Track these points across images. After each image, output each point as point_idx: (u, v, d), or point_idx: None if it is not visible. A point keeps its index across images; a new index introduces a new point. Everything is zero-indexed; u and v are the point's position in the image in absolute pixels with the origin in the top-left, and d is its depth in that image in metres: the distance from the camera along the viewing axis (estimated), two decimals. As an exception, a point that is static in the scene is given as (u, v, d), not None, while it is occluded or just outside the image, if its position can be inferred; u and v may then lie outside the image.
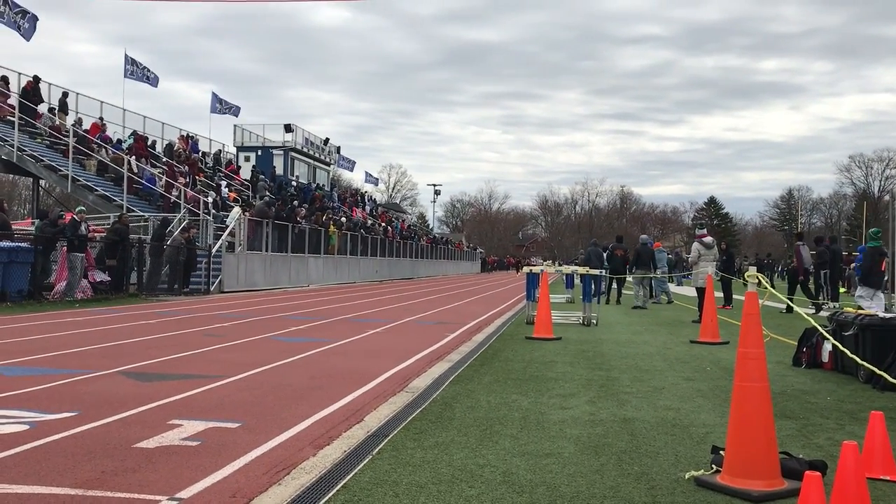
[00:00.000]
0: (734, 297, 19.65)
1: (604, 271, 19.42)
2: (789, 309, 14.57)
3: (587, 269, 15.02)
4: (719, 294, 18.94)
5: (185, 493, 3.52)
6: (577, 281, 19.90)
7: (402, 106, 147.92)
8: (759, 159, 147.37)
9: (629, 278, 21.35)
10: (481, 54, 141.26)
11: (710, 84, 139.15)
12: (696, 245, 15.13)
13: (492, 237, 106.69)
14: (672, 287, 26.99)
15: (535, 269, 14.23)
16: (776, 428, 3.84)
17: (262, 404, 5.72)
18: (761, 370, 3.79)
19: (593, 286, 14.86)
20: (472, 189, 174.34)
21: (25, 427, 4.74)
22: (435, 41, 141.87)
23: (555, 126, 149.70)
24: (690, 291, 21.39)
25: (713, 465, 4.00)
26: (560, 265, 24.13)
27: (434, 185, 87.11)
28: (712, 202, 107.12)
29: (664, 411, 5.76)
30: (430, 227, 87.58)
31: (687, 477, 3.97)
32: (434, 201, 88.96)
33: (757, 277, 3.99)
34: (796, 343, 8.72)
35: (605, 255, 21.97)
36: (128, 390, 6.11)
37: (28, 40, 25.82)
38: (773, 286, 4.28)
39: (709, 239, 15.31)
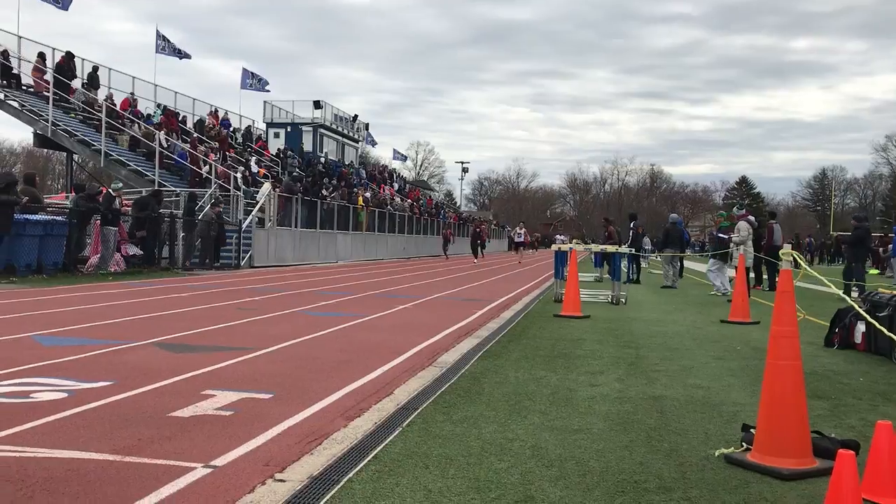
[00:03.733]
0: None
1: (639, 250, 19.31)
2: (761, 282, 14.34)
3: (616, 247, 14.93)
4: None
5: (219, 461, 3.58)
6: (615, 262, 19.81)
7: (431, 84, 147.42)
8: (790, 139, 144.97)
9: (658, 257, 21.21)
10: (511, 32, 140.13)
11: (740, 63, 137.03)
12: (744, 224, 14.93)
13: (519, 215, 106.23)
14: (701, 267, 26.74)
15: (564, 247, 14.19)
16: (808, 408, 3.81)
17: (293, 376, 5.80)
18: (794, 348, 3.76)
19: (625, 266, 14.80)
20: (500, 167, 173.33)
21: (64, 395, 4.85)
22: (464, 19, 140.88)
23: (584, 104, 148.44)
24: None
25: (743, 443, 3.99)
26: (588, 243, 24.00)
27: (462, 163, 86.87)
28: (744, 182, 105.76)
29: (693, 389, 5.74)
30: (458, 204, 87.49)
31: (717, 454, 3.96)
32: (462, 179, 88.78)
33: (792, 255, 3.95)
34: (828, 324, 8.62)
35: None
36: (162, 361, 6.22)
37: (66, 9, 26.09)
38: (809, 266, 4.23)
39: (752, 218, 15.16)
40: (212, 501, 3.06)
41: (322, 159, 41.86)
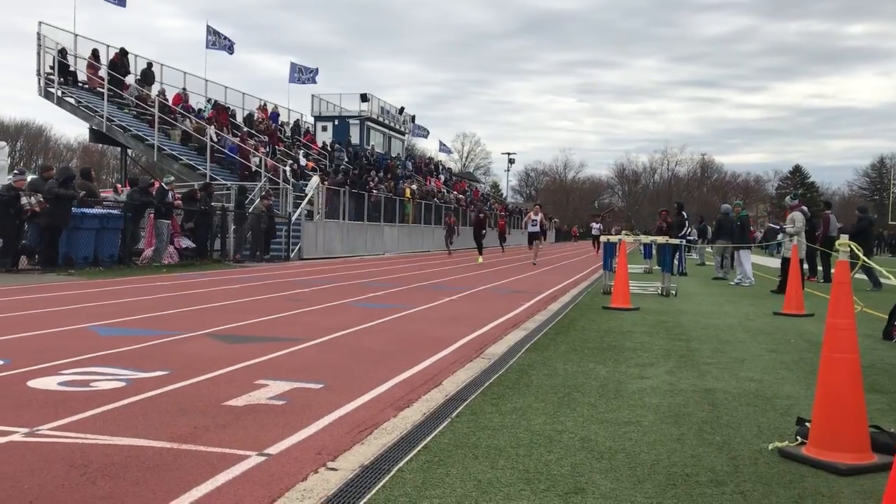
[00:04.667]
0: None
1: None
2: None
3: (667, 238, 14.75)
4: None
5: (272, 450, 3.65)
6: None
7: (477, 75, 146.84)
8: (845, 127, 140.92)
9: (709, 248, 20.91)
10: (557, 22, 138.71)
11: (793, 50, 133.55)
12: (799, 214, 14.64)
13: (566, 206, 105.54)
14: (757, 259, 26.28)
15: (613, 238, 14.07)
16: (865, 402, 3.73)
17: (343, 367, 5.86)
18: (851, 341, 3.68)
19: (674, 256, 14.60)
20: (547, 158, 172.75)
21: (122, 384, 4.99)
22: (510, 10, 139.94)
23: (631, 94, 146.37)
24: (767, 262, 20.81)
25: (798, 437, 3.92)
26: (638, 234, 23.76)
27: (508, 154, 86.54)
28: (797, 171, 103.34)
29: (746, 382, 5.65)
30: (504, 196, 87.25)
31: (770, 448, 3.90)
32: (508, 170, 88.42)
33: (850, 246, 3.86)
34: (887, 316, 8.40)
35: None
36: (215, 351, 6.35)
37: (123, 6, 26.70)
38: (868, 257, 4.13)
39: (805, 208, 14.87)
40: (266, 489, 3.12)
41: (369, 152, 42.12)
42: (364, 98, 45.17)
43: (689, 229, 23.58)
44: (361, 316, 9.13)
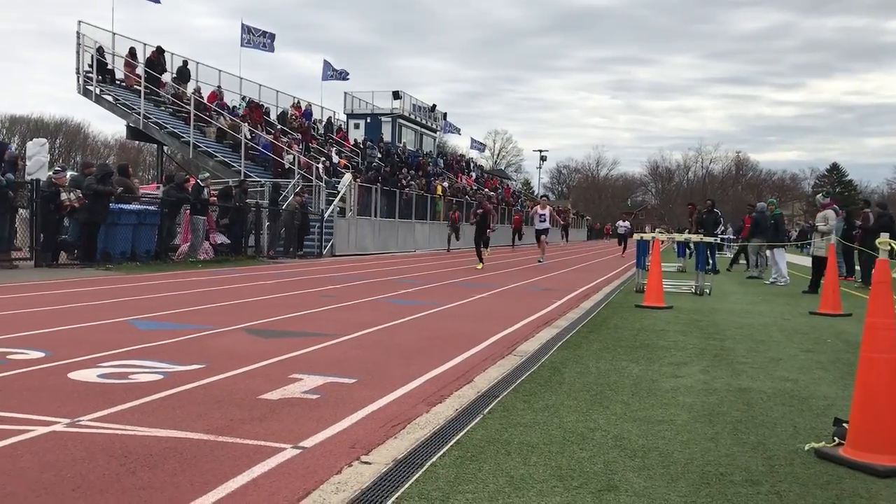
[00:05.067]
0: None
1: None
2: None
3: (701, 236, 14.61)
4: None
5: (307, 443, 3.70)
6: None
7: (509, 72, 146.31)
8: (885, 124, 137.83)
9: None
10: (590, 19, 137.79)
11: (831, 46, 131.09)
12: (832, 213, 14.42)
13: (599, 204, 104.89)
14: (792, 257, 25.91)
15: (646, 236, 13.97)
16: (906, 402, 3.67)
17: (376, 362, 5.90)
18: (891, 341, 3.62)
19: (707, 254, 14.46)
20: (579, 155, 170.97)
21: (160, 377, 5.07)
22: (542, 7, 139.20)
23: (665, 91, 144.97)
24: (803, 261, 20.49)
25: (835, 438, 3.87)
26: (671, 232, 23.52)
27: (540, 151, 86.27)
28: (835, 169, 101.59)
29: (781, 382, 5.59)
30: (536, 193, 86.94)
31: (807, 448, 3.86)
32: (540, 167, 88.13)
33: (889, 244, 3.80)
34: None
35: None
36: (250, 346, 6.43)
37: (159, 2, 27.11)
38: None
39: (836, 207, 14.64)
40: (301, 481, 3.16)
41: (400, 149, 42.25)
42: (396, 95, 45.31)
43: (724, 227, 23.31)
44: (393, 312, 9.17)
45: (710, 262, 18.79)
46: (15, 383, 4.75)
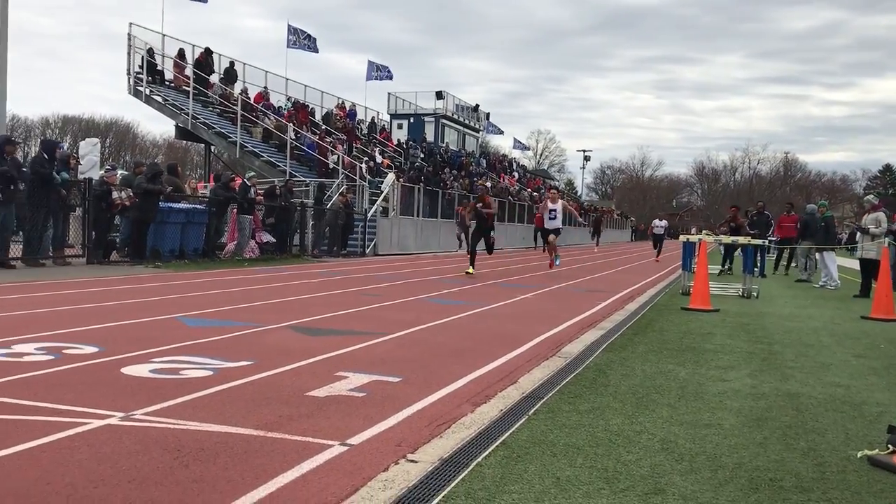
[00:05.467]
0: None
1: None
2: None
3: (748, 239, 14.38)
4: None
5: (354, 440, 3.74)
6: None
7: (553, 72, 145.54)
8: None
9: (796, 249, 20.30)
10: (635, 18, 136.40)
11: (885, 44, 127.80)
12: (882, 215, 14.10)
13: (643, 205, 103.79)
14: (842, 260, 25.32)
15: (692, 238, 13.80)
16: (964, 410, 3.58)
17: (420, 361, 5.94)
18: (949, 348, 3.54)
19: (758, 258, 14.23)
20: (624, 155, 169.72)
21: (210, 373, 5.17)
22: (588, 6, 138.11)
23: (712, 90, 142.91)
24: (851, 264, 19.99)
25: (889, 446, 3.79)
26: (717, 234, 23.14)
27: (584, 151, 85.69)
28: (887, 170, 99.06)
29: (832, 388, 5.49)
30: (579, 193, 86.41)
31: (859, 455, 3.79)
32: (583, 168, 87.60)
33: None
34: None
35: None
36: (296, 343, 6.51)
37: (205, 1, 27.61)
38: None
39: (886, 209, 14.31)
40: (349, 477, 3.20)
41: (443, 149, 42.33)
42: (439, 95, 45.40)
43: (773, 229, 22.88)
44: (436, 312, 9.21)
45: (759, 265, 18.47)
46: (71, 377, 4.89)
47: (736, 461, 3.67)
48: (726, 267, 20.58)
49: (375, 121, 40.16)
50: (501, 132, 58.45)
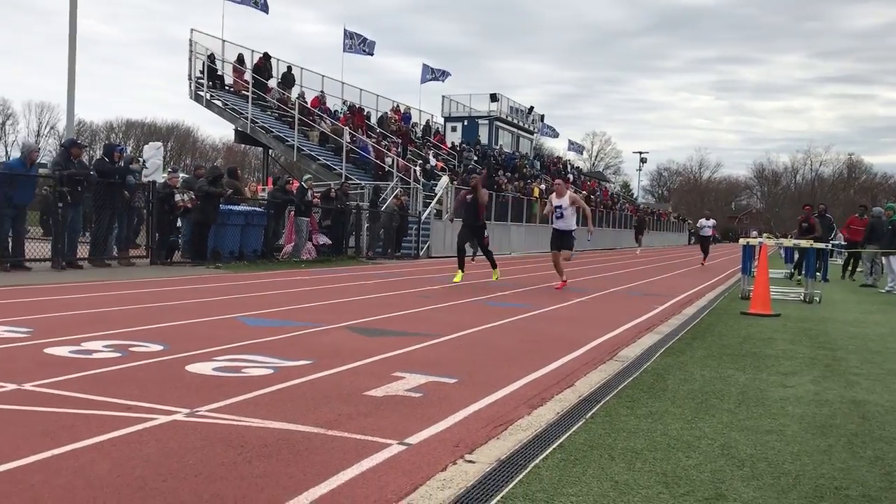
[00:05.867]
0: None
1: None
2: None
3: (810, 242, 14.04)
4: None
5: (412, 439, 3.78)
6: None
7: (608, 73, 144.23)
8: None
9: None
10: (694, 18, 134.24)
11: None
12: None
13: (701, 208, 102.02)
14: None
15: (752, 241, 13.54)
16: None
17: (476, 363, 5.96)
18: None
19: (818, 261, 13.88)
20: (681, 157, 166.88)
21: (270, 371, 5.28)
22: (645, 7, 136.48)
23: (772, 91, 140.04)
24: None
25: (961, 456, 3.67)
26: (778, 237, 22.61)
27: (640, 153, 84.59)
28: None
29: (901, 396, 5.33)
30: (635, 196, 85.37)
31: (929, 466, 3.68)
32: (640, 170, 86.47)
33: None
34: None
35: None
36: (354, 343, 6.60)
37: (266, 12, 28.16)
38: None
39: None
40: (408, 476, 3.24)
41: (497, 152, 42.29)
42: (493, 98, 45.41)
43: (836, 232, 22.28)
44: (490, 314, 9.22)
45: (822, 269, 18.01)
46: (138, 374, 5.04)
47: (799, 468, 3.60)
48: (796, 271, 20.11)
49: (430, 124, 40.34)
50: (557, 134, 58.10)
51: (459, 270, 13.64)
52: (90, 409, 4.10)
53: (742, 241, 14.32)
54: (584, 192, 47.07)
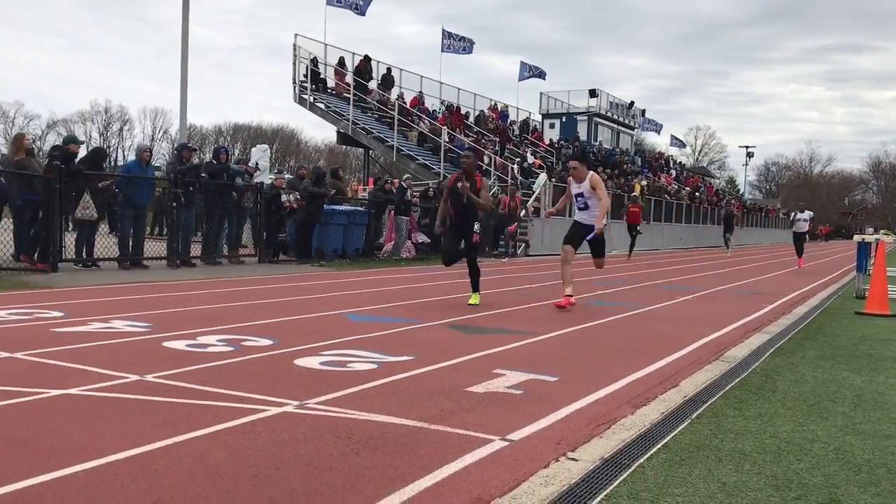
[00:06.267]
0: None
1: None
2: None
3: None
4: None
5: (514, 436, 3.81)
6: None
7: (711, 66, 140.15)
8: None
9: None
10: (803, 7, 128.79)
11: None
12: None
13: (812, 203, 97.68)
14: None
15: (868, 238, 12.89)
16: None
17: (577, 361, 5.93)
18: None
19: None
20: (790, 151, 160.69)
21: (374, 366, 5.41)
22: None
23: (890, 80, 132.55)
24: None
25: None
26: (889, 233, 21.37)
27: (746, 148, 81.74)
28: None
29: None
30: (741, 192, 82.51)
31: None
32: (746, 164, 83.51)
33: None
34: None
35: None
36: (455, 340, 6.67)
37: (363, 14, 28.73)
38: None
39: None
40: (511, 472, 3.27)
41: (596, 148, 41.69)
42: (592, 93, 44.80)
43: None
44: (592, 312, 9.13)
45: None
46: (250, 367, 5.26)
47: (922, 476, 3.43)
48: None
49: (528, 121, 40.17)
50: (660, 128, 56.59)
51: (474, 292, 9.63)
52: (206, 399, 4.31)
53: (857, 237, 13.65)
54: (688, 188, 45.83)
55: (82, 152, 12.98)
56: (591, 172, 9.75)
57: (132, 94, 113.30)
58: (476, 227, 9.10)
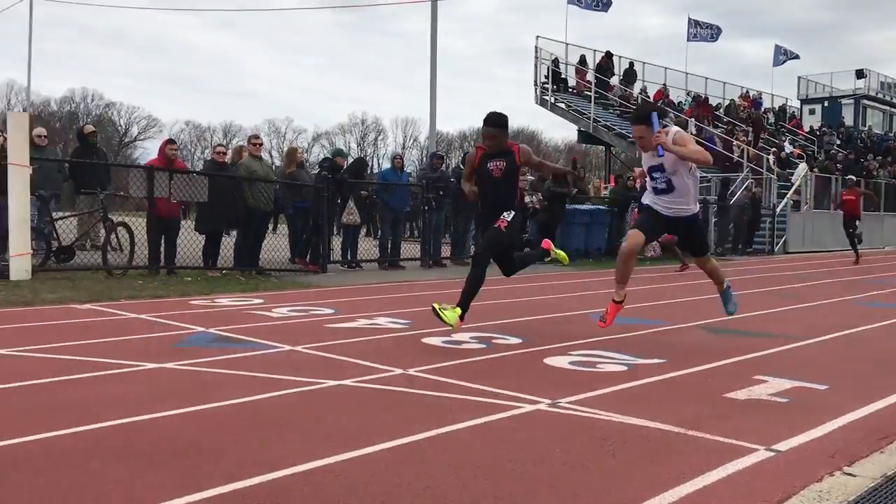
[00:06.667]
0: None
1: None
2: None
3: None
4: None
5: (780, 446, 3.59)
6: None
7: None
8: None
9: None
10: None
11: None
12: None
13: None
14: None
15: None
16: None
17: (847, 369, 5.45)
18: None
19: None
20: None
21: (623, 368, 5.35)
22: None
23: None
24: None
25: None
26: None
27: None
28: None
29: None
30: None
31: None
32: None
33: None
34: None
35: None
36: (708, 343, 6.42)
37: (606, 11, 28.52)
38: None
39: None
40: (778, 484, 3.09)
41: (865, 133, 37.79)
42: (860, 74, 40.68)
43: None
44: (862, 315, 8.32)
45: None
46: (502, 364, 5.44)
47: None
48: None
49: (784, 108, 37.40)
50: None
51: (455, 306, 6.83)
52: (464, 394, 4.52)
53: None
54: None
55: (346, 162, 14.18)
56: (677, 129, 6.23)
57: (385, 106, 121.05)
58: (507, 214, 6.96)
